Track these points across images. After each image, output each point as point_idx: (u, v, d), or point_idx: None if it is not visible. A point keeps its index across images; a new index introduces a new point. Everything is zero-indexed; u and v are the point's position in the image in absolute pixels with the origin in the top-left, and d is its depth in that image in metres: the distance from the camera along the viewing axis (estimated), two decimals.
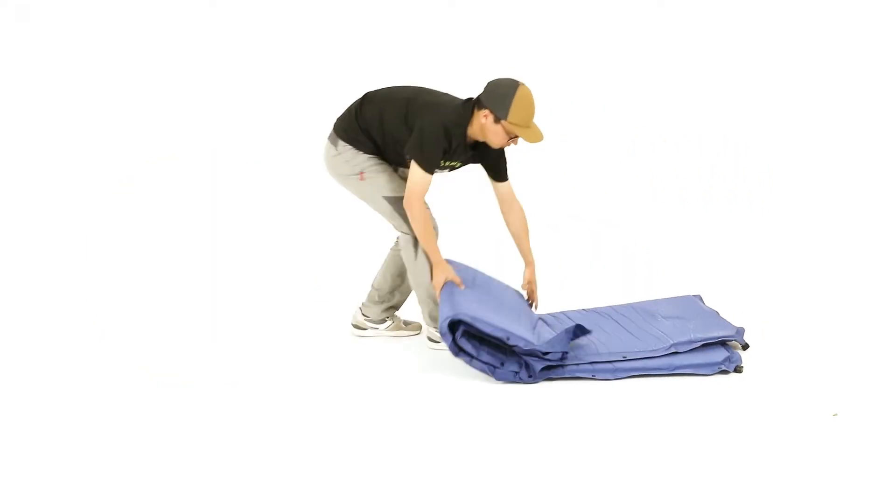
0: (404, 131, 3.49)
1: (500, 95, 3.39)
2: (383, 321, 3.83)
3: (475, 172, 3.79)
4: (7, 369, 3.53)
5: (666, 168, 5.69)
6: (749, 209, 5.35)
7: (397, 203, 3.57)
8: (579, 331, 3.39)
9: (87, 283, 4.50)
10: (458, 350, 3.28)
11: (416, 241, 3.57)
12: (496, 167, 3.70)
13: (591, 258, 4.84)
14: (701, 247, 4.92)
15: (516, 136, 3.46)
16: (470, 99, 3.51)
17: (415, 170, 3.44)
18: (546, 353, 3.29)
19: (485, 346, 3.31)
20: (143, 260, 4.87)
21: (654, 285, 4.36)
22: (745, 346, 3.52)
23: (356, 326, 3.86)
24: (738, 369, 3.36)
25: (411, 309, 3.91)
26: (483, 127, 3.45)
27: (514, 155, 3.67)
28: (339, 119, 3.68)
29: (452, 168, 3.64)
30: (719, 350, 3.40)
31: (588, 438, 2.90)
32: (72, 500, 2.54)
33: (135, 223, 5.37)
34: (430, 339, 3.70)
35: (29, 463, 2.76)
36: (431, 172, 3.44)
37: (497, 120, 3.41)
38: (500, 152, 3.66)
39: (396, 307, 3.88)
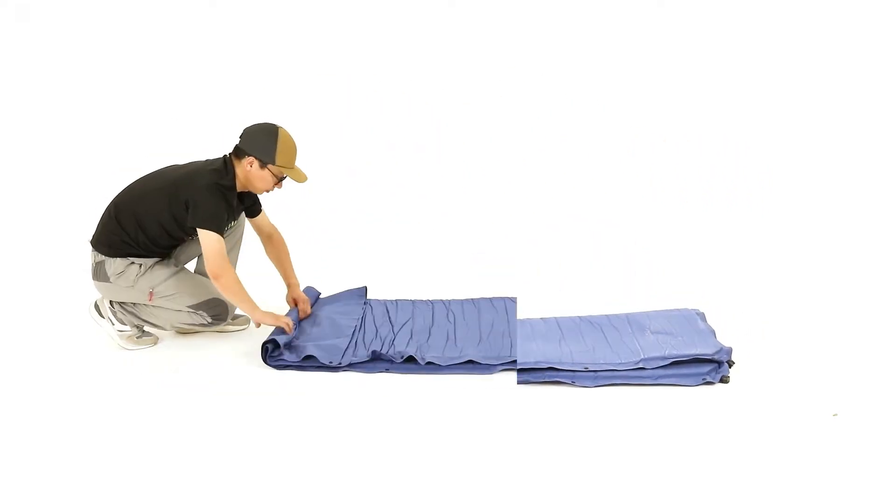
0: (180, 214, 3.43)
1: (263, 141, 3.39)
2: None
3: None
4: (7, 369, 3.55)
5: (666, 168, 5.68)
6: (749, 209, 5.34)
7: (202, 305, 3.57)
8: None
9: (85, 283, 4.50)
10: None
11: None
12: (252, 206, 3.73)
13: (591, 258, 4.84)
14: (700, 247, 4.92)
15: (282, 179, 3.46)
16: (224, 156, 3.48)
17: (206, 237, 3.37)
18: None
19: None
20: None
21: (654, 285, 4.36)
22: (731, 364, 3.39)
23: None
24: (724, 380, 3.29)
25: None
26: (247, 175, 3.44)
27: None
28: (98, 238, 3.56)
29: (228, 229, 3.61)
30: (702, 362, 3.32)
31: (564, 448, 2.88)
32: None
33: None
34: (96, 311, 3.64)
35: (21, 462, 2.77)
36: (222, 233, 3.41)
37: (263, 165, 3.40)
38: (255, 195, 3.68)
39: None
